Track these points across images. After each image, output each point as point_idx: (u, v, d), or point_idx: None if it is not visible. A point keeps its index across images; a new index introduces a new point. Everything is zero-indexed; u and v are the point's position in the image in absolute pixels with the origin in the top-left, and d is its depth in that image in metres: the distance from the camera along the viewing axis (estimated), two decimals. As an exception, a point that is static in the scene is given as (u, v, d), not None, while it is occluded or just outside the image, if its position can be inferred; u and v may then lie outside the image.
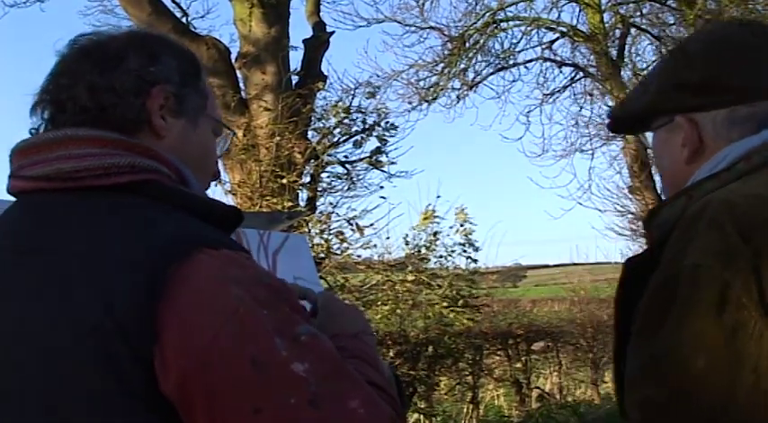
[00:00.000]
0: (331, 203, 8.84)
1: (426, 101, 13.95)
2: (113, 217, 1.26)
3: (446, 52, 14.00)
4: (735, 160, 1.54)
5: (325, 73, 9.57)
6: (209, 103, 1.50)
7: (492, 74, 14.37)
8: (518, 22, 14.08)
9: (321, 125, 9.05)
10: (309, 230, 8.12)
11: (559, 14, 14.29)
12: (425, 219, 9.11)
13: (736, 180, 1.51)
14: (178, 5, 10.70)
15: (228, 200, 7.98)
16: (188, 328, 1.15)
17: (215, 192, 7.82)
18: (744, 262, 1.35)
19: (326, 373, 1.18)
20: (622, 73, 14.21)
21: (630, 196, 14.06)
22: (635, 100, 1.75)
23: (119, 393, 1.15)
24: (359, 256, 8.77)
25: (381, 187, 8.96)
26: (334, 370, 1.20)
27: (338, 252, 8.52)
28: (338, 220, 8.63)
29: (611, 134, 14.53)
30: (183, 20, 10.41)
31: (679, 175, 1.66)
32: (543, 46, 14.33)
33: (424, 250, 9.16)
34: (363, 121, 8.99)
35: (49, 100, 1.39)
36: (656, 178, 14.16)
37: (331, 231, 8.53)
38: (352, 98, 9.23)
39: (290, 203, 7.86)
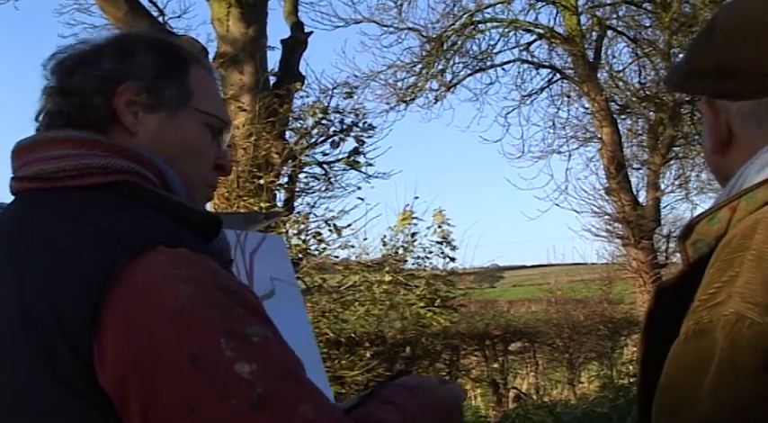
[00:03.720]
0: (308, 204, 8.85)
1: (404, 101, 13.95)
2: (77, 215, 1.27)
3: (424, 53, 14.01)
4: None
5: (303, 73, 9.58)
6: (196, 96, 1.48)
7: (470, 75, 14.41)
8: (496, 24, 14.11)
9: (299, 125, 9.06)
10: (287, 231, 8.11)
11: (537, 16, 14.34)
12: (404, 219, 9.11)
13: None
14: (155, 4, 10.64)
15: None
16: (128, 324, 1.15)
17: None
18: None
19: (277, 376, 1.15)
20: (599, 75, 14.28)
21: (607, 197, 14.12)
22: (675, 71, 1.48)
23: (57, 387, 1.16)
24: (336, 257, 8.76)
25: (359, 188, 8.98)
26: (286, 373, 1.17)
27: (316, 253, 8.50)
28: (316, 221, 8.63)
29: (587, 135, 14.64)
30: (160, 19, 10.34)
31: (713, 166, 1.41)
32: (521, 48, 14.38)
33: (401, 251, 9.16)
34: (341, 122, 9.00)
35: (42, 102, 1.45)
36: (633, 179, 14.27)
37: (308, 232, 8.52)
38: (330, 98, 9.24)
39: (268, 204, 7.84)
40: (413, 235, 9.22)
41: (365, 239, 8.97)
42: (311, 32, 10.10)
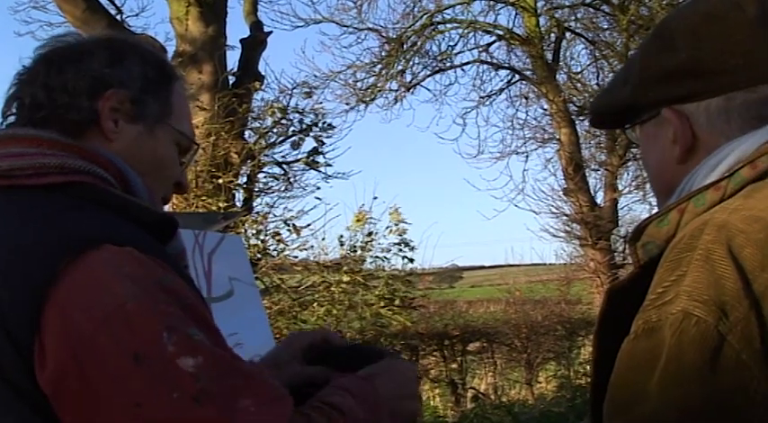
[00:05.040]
0: (267, 204, 8.83)
1: (364, 102, 13.95)
2: (25, 214, 1.27)
3: (384, 54, 14.02)
4: (737, 163, 1.26)
5: (263, 73, 9.55)
6: (175, 114, 1.49)
7: (429, 76, 14.44)
8: (455, 25, 14.17)
9: (258, 125, 9.04)
10: (245, 231, 8.08)
11: (496, 17, 14.42)
12: (358, 220, 9.11)
13: (739, 191, 1.23)
14: (113, 2, 10.49)
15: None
16: (67, 321, 1.14)
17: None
18: (744, 310, 1.09)
19: (219, 371, 1.16)
20: (557, 76, 14.40)
21: (565, 198, 14.23)
22: (615, 91, 1.47)
23: (3, 387, 1.16)
24: (295, 257, 8.77)
25: (318, 188, 8.97)
26: (227, 368, 1.18)
27: (274, 253, 8.48)
28: (275, 221, 8.61)
29: (546, 136, 14.74)
30: (118, 17, 10.23)
31: (667, 176, 1.39)
32: (480, 49, 14.44)
33: (359, 251, 9.16)
34: (300, 122, 8.99)
35: (10, 98, 1.43)
36: (591, 180, 14.39)
37: (267, 232, 8.50)
38: (290, 98, 9.23)
39: (227, 204, 7.81)
40: (370, 234, 9.23)
41: (323, 239, 8.98)
42: (271, 32, 10.10)
